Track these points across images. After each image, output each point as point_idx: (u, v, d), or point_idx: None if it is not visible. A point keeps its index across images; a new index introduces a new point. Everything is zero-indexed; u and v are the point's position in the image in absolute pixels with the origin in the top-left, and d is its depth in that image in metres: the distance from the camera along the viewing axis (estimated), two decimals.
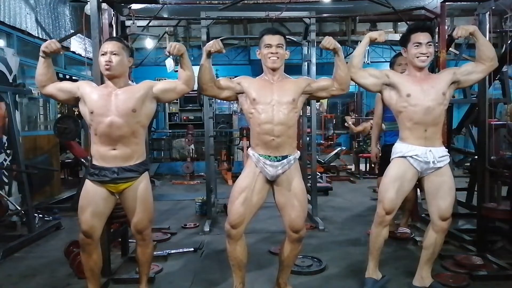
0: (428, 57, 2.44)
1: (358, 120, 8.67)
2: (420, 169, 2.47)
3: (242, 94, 2.41)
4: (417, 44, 2.43)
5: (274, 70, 2.38)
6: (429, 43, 2.43)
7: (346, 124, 8.20)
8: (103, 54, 2.32)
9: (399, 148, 2.53)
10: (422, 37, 2.42)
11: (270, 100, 2.32)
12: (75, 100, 2.41)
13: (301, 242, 2.42)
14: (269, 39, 2.35)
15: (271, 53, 2.33)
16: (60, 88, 2.39)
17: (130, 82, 2.49)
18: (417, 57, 2.44)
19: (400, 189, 2.49)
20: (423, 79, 2.47)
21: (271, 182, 2.38)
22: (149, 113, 2.41)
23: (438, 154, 2.45)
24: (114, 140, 2.29)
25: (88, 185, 2.36)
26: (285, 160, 2.33)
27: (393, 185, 2.49)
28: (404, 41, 2.52)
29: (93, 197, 2.34)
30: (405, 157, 2.48)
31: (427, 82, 2.45)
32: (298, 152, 2.44)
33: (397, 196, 2.49)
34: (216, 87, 2.40)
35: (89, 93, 2.33)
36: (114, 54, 2.30)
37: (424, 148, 2.44)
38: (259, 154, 2.34)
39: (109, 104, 2.29)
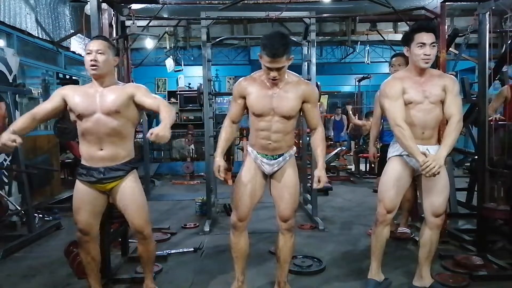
0: (431, 58, 2.39)
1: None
2: (415, 167, 2.47)
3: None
4: (421, 45, 2.36)
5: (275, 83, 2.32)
6: (433, 44, 2.36)
7: (347, 111, 8.03)
8: (88, 53, 2.27)
9: (395, 147, 2.54)
10: (426, 37, 2.35)
11: (269, 111, 2.32)
12: (66, 108, 2.34)
13: (291, 232, 2.46)
14: (270, 63, 2.18)
15: (274, 76, 2.24)
16: (45, 114, 2.30)
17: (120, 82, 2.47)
18: (421, 59, 2.37)
19: (399, 187, 2.51)
20: (423, 82, 2.44)
21: (268, 176, 2.46)
22: (134, 115, 2.38)
23: (433, 152, 2.44)
24: (101, 138, 2.27)
25: (79, 185, 2.36)
26: (280, 158, 2.40)
27: (392, 183, 2.50)
28: (407, 40, 2.43)
29: (85, 197, 2.34)
30: (401, 155, 2.49)
31: (428, 85, 2.43)
32: (294, 148, 2.49)
33: (397, 195, 2.51)
34: (237, 124, 2.48)
35: (72, 98, 2.29)
36: (100, 53, 2.27)
37: (420, 147, 2.43)
38: (257, 152, 2.42)
39: (94, 103, 2.27)
